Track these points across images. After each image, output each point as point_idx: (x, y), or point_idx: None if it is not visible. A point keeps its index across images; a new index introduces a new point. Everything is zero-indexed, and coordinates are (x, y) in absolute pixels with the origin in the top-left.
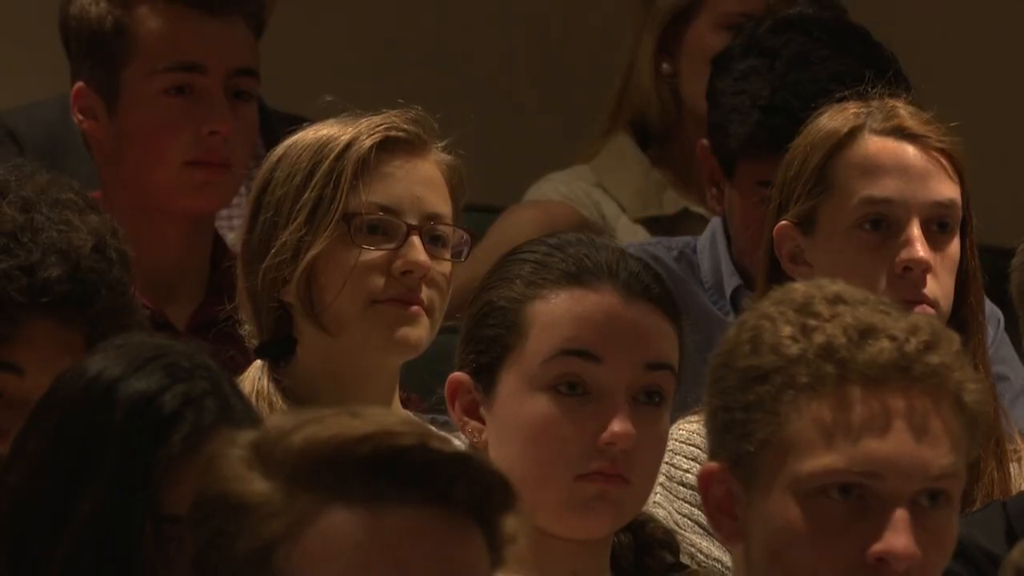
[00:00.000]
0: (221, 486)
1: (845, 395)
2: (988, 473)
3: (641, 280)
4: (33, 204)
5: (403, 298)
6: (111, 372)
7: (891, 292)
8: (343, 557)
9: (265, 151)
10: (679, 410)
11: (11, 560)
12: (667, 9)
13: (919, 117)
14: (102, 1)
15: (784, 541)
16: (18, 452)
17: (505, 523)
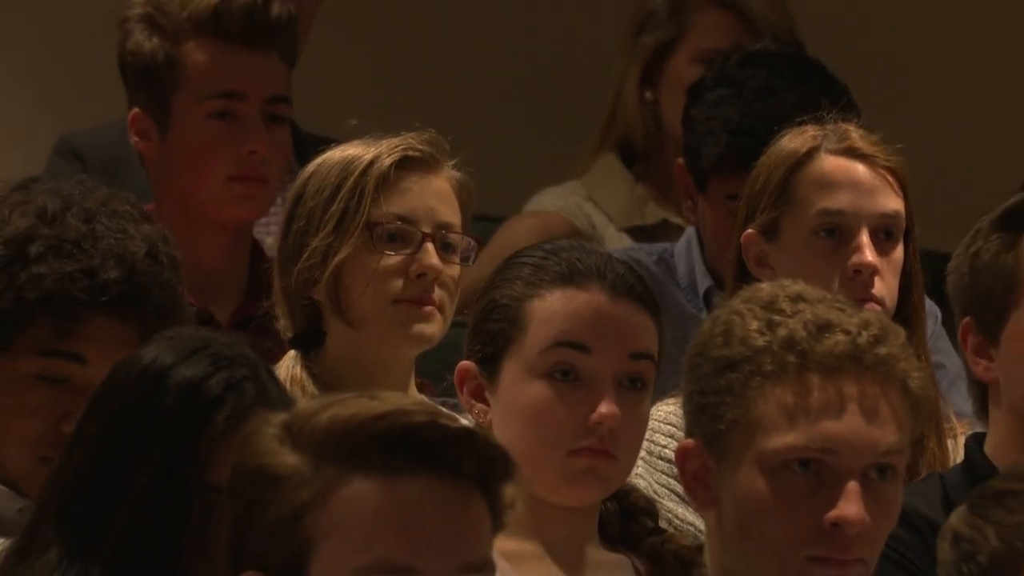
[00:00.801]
0: (257, 460)
1: (805, 382)
2: (929, 449)
3: (626, 281)
4: (94, 215)
5: (418, 299)
6: (163, 361)
7: (844, 292)
8: (363, 521)
9: (298, 168)
10: (658, 394)
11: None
12: (650, 45)
13: (868, 139)
14: (154, 37)
15: (751, 509)
16: (82, 432)
17: (505, 491)
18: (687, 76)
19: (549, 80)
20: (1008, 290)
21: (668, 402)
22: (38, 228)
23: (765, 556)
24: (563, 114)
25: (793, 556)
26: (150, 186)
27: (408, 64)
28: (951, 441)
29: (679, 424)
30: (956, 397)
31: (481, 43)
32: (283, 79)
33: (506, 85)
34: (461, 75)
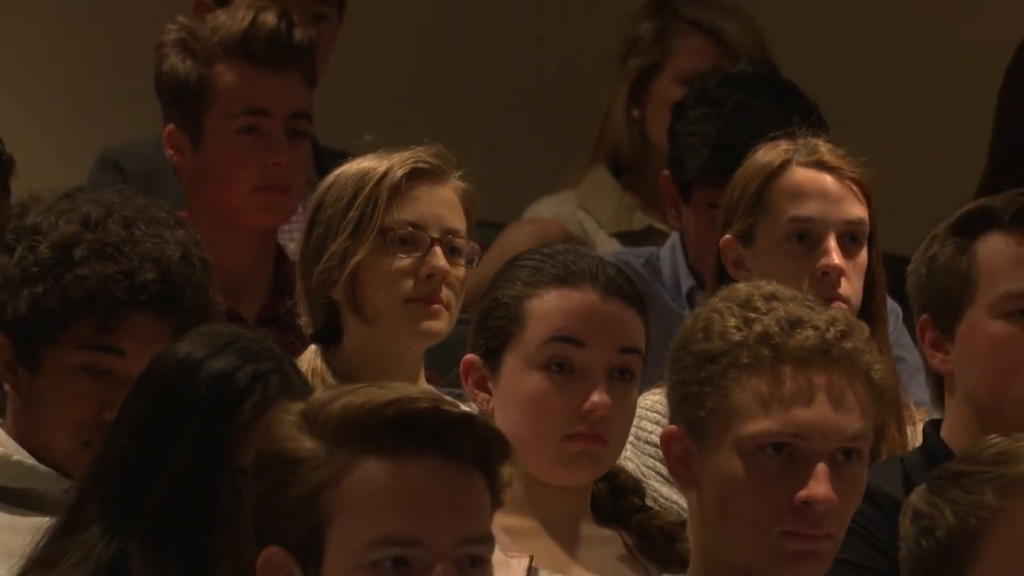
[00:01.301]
0: (278, 445)
1: (778, 373)
2: (890, 434)
3: (616, 282)
4: (133, 221)
5: (427, 298)
6: (196, 355)
7: (813, 291)
8: (374, 498)
9: (318, 179)
10: (645, 384)
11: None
12: (637, 67)
13: (835, 153)
14: (188, 60)
15: (729, 489)
16: (122, 418)
17: (503, 471)
18: (671, 96)
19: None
20: (962, 290)
21: (654, 392)
22: (82, 233)
23: (742, 532)
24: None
25: (767, 532)
26: (183, 195)
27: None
28: (910, 427)
29: (664, 412)
30: (915, 387)
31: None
32: (305, 98)
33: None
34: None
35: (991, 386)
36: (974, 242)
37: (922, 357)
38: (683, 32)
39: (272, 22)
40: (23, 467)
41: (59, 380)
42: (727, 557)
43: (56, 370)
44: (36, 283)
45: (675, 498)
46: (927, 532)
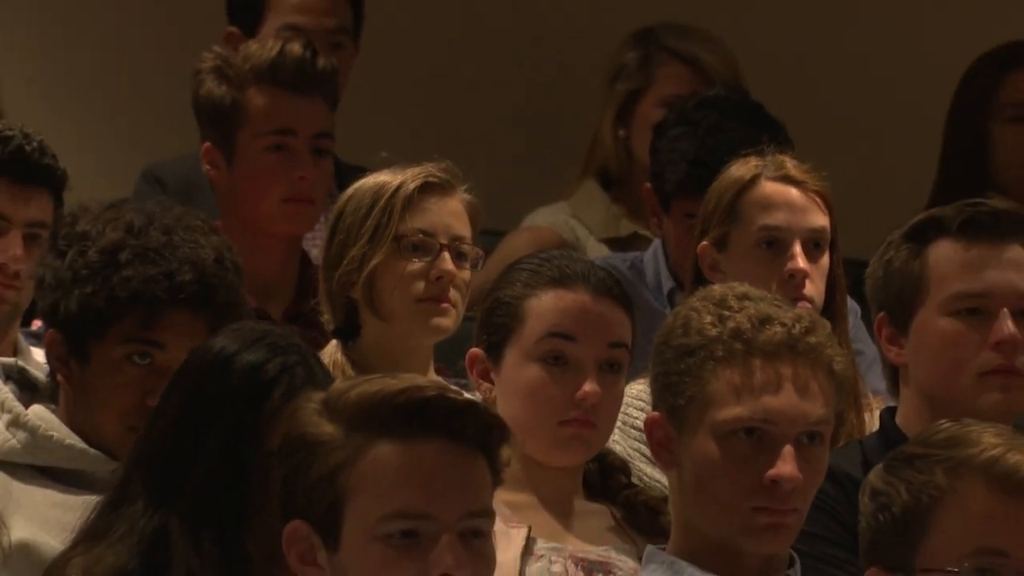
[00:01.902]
0: (300, 430)
1: (749, 365)
2: (849, 420)
3: (605, 283)
4: (172, 228)
5: (437, 297)
6: (229, 348)
7: (780, 292)
8: (386, 477)
9: (339, 191)
10: (631, 375)
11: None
12: (623, 92)
13: (800, 168)
14: (223, 85)
15: (706, 468)
16: (163, 406)
17: (502, 452)
18: (653, 118)
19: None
20: (915, 291)
21: (639, 382)
22: (127, 239)
23: (717, 507)
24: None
25: (740, 507)
26: (218, 206)
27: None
28: (867, 414)
29: (647, 400)
30: (872, 378)
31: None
32: (327, 119)
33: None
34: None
35: (941, 377)
36: (925, 248)
37: (879, 351)
38: (665, 61)
39: (298, 51)
40: (75, 450)
41: (106, 371)
42: (704, 529)
43: (104, 362)
44: (85, 284)
45: (658, 477)
46: (884, 508)
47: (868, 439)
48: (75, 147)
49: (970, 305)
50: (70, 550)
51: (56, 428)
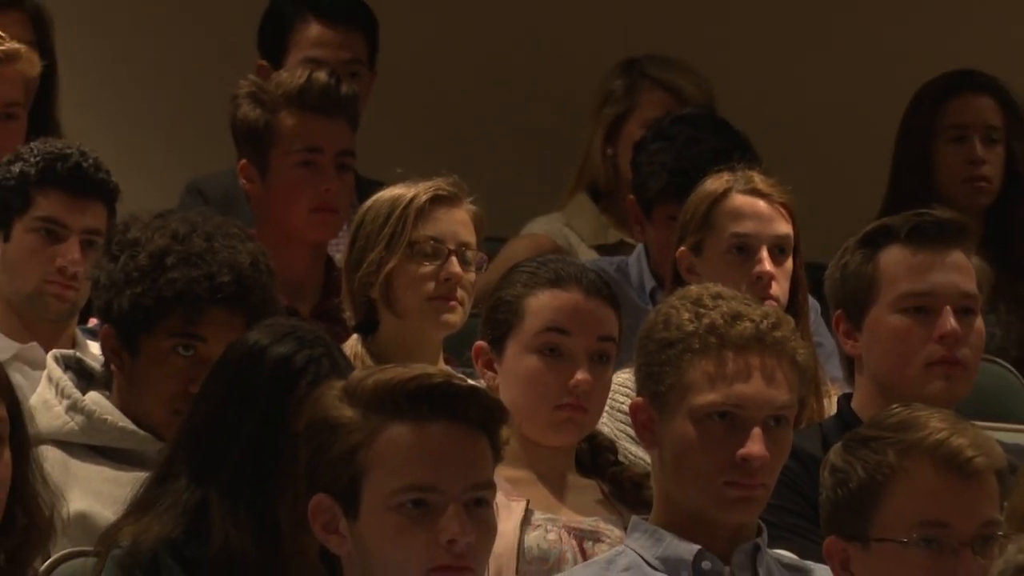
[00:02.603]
0: (323, 413)
1: (722, 356)
2: (810, 405)
3: (595, 284)
4: (213, 235)
5: (445, 296)
6: (262, 342)
7: (750, 292)
8: (399, 454)
9: (359, 202)
10: (618, 365)
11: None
12: (610, 115)
13: (767, 182)
14: (257, 108)
15: (684, 447)
16: (204, 392)
17: (502, 432)
18: (637, 138)
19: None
20: (868, 291)
21: (624, 371)
22: (172, 245)
23: (694, 482)
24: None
25: (713, 482)
26: (254, 216)
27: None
28: (827, 400)
29: (632, 387)
30: (831, 367)
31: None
32: (349, 138)
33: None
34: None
35: (891, 367)
36: (877, 253)
37: (836, 344)
38: (647, 88)
39: (324, 78)
40: (126, 431)
41: (154, 362)
42: (682, 502)
43: (152, 354)
44: (136, 285)
45: (641, 455)
46: (842, 483)
47: (827, 422)
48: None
49: (917, 304)
50: (121, 520)
51: (110, 412)
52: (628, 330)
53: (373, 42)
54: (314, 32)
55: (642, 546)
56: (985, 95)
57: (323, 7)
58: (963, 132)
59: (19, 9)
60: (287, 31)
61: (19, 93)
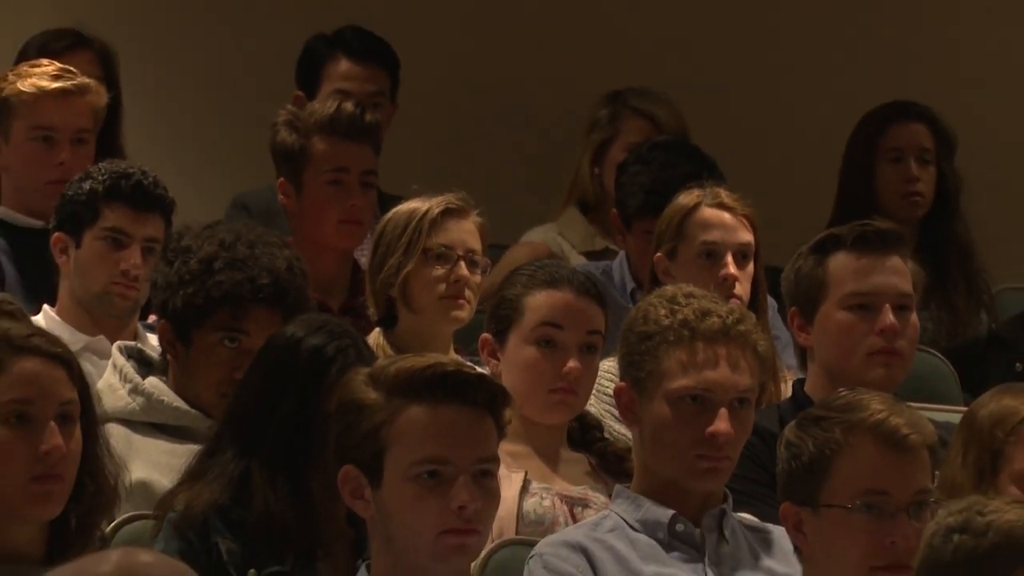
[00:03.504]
0: (351, 396)
1: (694, 347)
2: (769, 389)
3: (585, 285)
4: (254, 243)
5: (455, 296)
6: (298, 334)
7: (717, 292)
8: (417, 432)
9: (381, 215)
10: (604, 355)
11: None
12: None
13: (732, 196)
14: (293, 134)
15: (660, 426)
16: (247, 378)
17: (505, 413)
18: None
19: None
20: (819, 291)
21: (609, 360)
22: (219, 252)
23: (669, 455)
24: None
25: (686, 455)
26: (290, 226)
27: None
28: (783, 384)
29: (616, 373)
30: (786, 357)
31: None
32: (373, 160)
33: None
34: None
35: (838, 356)
36: (827, 258)
37: (791, 336)
38: (629, 116)
39: (351, 108)
40: (180, 411)
41: (204, 352)
42: (659, 473)
43: (202, 345)
44: (188, 286)
45: (623, 432)
46: (795, 457)
47: (783, 403)
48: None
49: (860, 302)
50: (176, 488)
51: (166, 394)
52: (612, 325)
53: (395, 78)
54: (343, 68)
55: (624, 511)
56: (919, 122)
57: (352, 47)
58: (900, 154)
59: (89, 49)
60: (320, 66)
61: (89, 121)
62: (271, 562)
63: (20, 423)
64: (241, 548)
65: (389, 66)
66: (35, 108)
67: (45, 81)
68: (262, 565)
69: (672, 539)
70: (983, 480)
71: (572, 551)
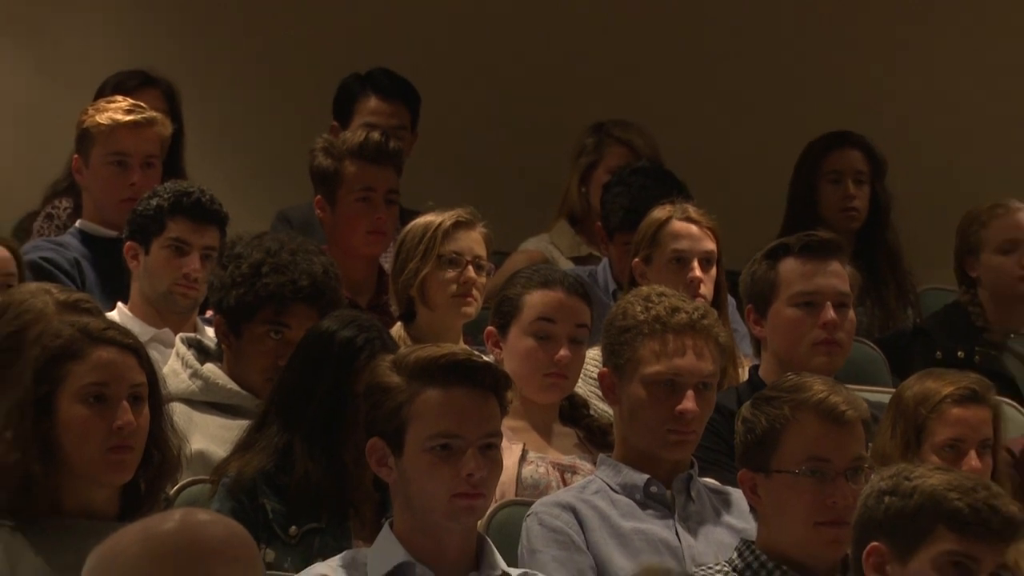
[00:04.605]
0: (377, 379)
1: (665, 338)
2: (729, 373)
3: (574, 285)
4: (296, 251)
5: (464, 295)
6: (332, 328)
7: (685, 292)
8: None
9: (402, 226)
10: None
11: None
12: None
13: (699, 212)
14: (328, 159)
15: (637, 405)
16: (290, 365)
17: (507, 395)
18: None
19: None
20: (771, 291)
21: (594, 349)
22: (266, 258)
23: (644, 430)
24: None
25: (658, 430)
26: (326, 237)
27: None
28: (741, 369)
29: (599, 360)
30: (744, 346)
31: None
32: (395, 180)
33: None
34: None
35: (787, 346)
36: (777, 263)
37: (747, 329)
38: (611, 144)
39: (377, 137)
40: (233, 392)
41: (253, 342)
42: (636, 444)
43: (251, 337)
44: (240, 287)
45: (606, 409)
46: (751, 430)
47: (741, 386)
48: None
49: (806, 300)
50: (229, 457)
51: (221, 377)
52: (597, 319)
53: (416, 112)
54: (373, 104)
55: (607, 476)
56: (855, 149)
57: (380, 86)
58: (839, 176)
59: (156, 87)
60: (354, 102)
61: (156, 148)
62: (309, 520)
63: (98, 402)
64: (284, 508)
65: (411, 103)
66: (111, 137)
67: (119, 115)
68: (301, 522)
69: (647, 499)
70: (909, 450)
71: (563, 510)
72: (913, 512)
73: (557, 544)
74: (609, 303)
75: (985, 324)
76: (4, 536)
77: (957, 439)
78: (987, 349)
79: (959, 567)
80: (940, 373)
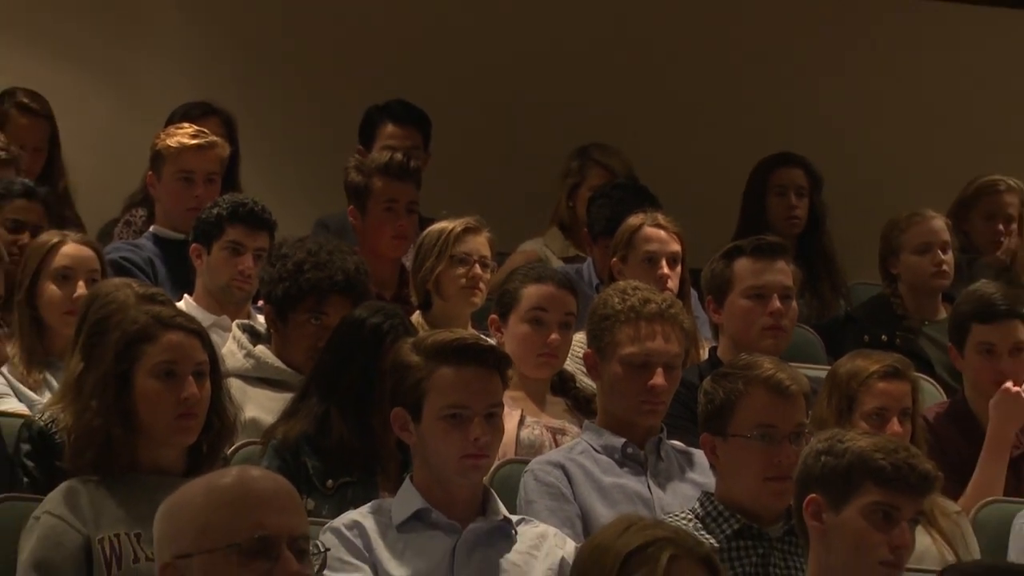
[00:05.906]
0: (400, 359)
1: (638, 325)
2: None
3: (564, 280)
4: (332, 252)
5: (472, 288)
6: (362, 315)
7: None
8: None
9: (420, 231)
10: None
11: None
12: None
13: (667, 219)
14: (359, 175)
15: (615, 381)
16: (328, 346)
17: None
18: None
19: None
20: (727, 286)
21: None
22: (308, 258)
23: (622, 401)
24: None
25: (634, 401)
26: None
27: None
28: (702, 350)
29: (585, 343)
30: (704, 331)
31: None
32: (415, 194)
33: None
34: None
35: (740, 330)
36: (733, 262)
37: (707, 316)
38: (592, 166)
39: (400, 157)
40: (280, 369)
41: (297, 328)
42: (615, 412)
43: (295, 323)
44: (285, 282)
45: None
46: (710, 401)
47: (702, 364)
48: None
49: (756, 292)
50: (277, 423)
51: (270, 358)
52: (582, 309)
53: (427, 135)
54: (390, 130)
55: (591, 439)
56: (797, 167)
57: (395, 114)
58: (783, 190)
59: (216, 116)
60: (375, 129)
61: (217, 166)
62: (343, 475)
63: (168, 377)
64: (322, 465)
65: (423, 127)
66: (179, 157)
67: (186, 139)
68: (337, 477)
69: (624, 459)
70: (842, 417)
71: (554, 467)
72: (845, 469)
73: (549, 496)
74: (592, 295)
75: (904, 313)
76: (90, 489)
77: (882, 408)
78: (906, 333)
79: (884, 515)
80: (867, 353)
